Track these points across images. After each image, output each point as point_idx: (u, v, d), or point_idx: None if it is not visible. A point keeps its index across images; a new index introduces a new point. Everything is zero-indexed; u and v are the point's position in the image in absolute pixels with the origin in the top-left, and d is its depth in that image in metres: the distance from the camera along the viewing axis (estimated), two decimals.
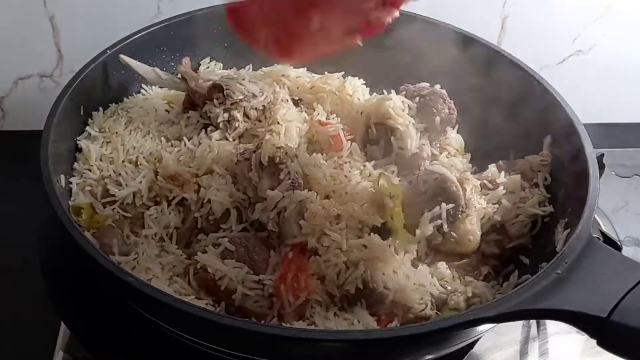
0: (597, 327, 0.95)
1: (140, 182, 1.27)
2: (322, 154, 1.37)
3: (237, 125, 1.35)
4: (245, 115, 1.36)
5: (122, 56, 1.40)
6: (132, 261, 1.18)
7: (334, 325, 1.14)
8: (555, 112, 1.38)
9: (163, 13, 1.65)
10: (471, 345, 1.25)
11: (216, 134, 1.34)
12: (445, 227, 1.27)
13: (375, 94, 1.49)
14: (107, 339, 1.26)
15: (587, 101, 1.54)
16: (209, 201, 1.24)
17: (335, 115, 1.44)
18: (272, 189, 1.21)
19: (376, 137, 1.39)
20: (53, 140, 1.22)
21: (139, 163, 1.32)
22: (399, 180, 1.35)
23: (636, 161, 1.82)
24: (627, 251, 1.51)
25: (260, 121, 1.39)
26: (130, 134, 1.37)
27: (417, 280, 1.21)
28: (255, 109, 1.36)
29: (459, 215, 1.28)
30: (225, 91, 1.34)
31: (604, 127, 1.87)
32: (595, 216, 1.45)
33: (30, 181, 1.16)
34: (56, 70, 1.72)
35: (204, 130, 1.36)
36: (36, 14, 1.63)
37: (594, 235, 1.13)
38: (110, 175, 1.29)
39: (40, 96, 1.72)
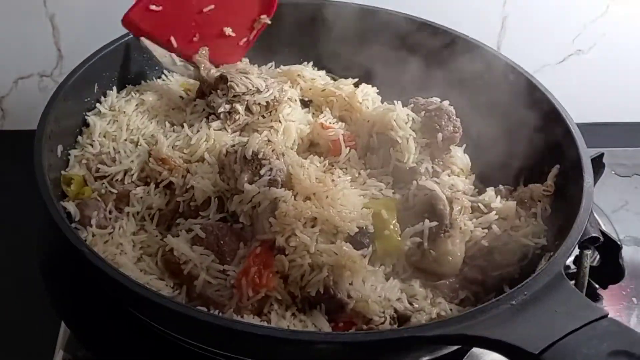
0: None
1: (132, 161, 1.30)
2: (320, 157, 1.38)
3: (237, 117, 1.36)
4: (248, 109, 1.37)
5: (142, 38, 1.43)
6: (106, 235, 1.22)
7: (287, 324, 1.14)
8: (565, 143, 1.33)
9: None
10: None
11: (215, 124, 1.35)
12: (425, 244, 1.24)
13: (385, 103, 1.47)
14: (107, 338, 1.26)
15: (587, 100, 1.50)
16: (193, 187, 1.26)
17: (336, 120, 1.43)
18: (251, 183, 1.22)
19: (377, 146, 1.37)
20: (55, 114, 1.26)
21: (139, 144, 1.35)
22: (393, 193, 1.33)
23: (636, 161, 1.81)
24: (627, 251, 1.48)
25: (264, 117, 1.40)
26: (137, 115, 1.40)
27: (383, 294, 1.19)
28: (259, 104, 1.37)
29: (442, 235, 1.25)
30: (229, 83, 1.36)
31: (604, 126, 1.88)
32: (596, 215, 1.44)
33: (30, 181, 1.15)
34: (56, 69, 1.74)
35: (206, 119, 1.38)
36: (36, 13, 1.65)
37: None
38: (109, 151, 1.32)
39: (40, 96, 1.72)
